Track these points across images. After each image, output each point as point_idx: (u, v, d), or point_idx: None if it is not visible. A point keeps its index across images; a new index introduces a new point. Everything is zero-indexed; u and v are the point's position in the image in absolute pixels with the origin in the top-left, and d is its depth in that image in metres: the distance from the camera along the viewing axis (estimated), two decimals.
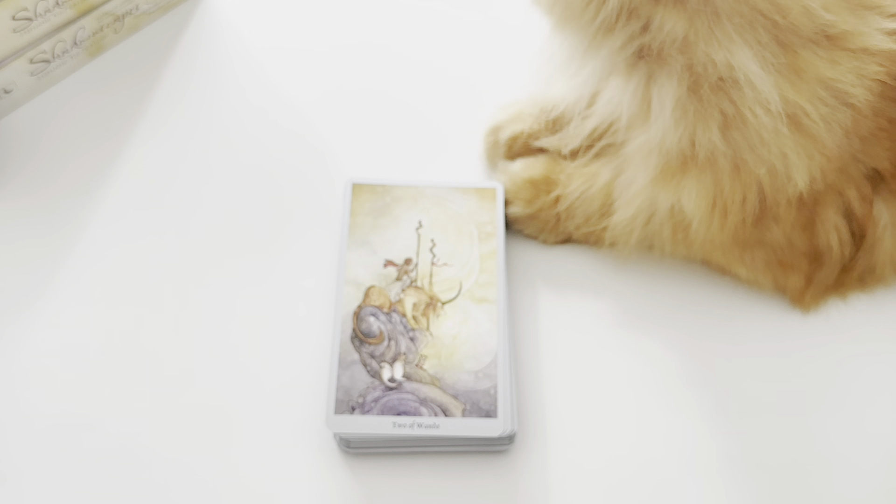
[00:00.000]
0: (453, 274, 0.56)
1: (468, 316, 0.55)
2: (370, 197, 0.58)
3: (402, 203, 0.58)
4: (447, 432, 0.50)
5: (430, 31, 0.67)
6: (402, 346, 0.53)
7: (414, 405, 0.51)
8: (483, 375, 0.52)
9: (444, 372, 0.53)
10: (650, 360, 0.56)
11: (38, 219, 0.59)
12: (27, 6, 0.57)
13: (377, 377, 0.52)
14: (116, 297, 0.57)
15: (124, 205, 0.60)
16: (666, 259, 0.58)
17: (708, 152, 0.48)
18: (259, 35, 0.67)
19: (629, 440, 0.54)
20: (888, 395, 0.55)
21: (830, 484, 0.53)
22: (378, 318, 0.54)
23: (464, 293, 0.55)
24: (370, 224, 0.57)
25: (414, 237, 0.57)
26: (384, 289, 0.55)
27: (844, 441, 0.54)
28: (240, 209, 0.60)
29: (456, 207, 0.58)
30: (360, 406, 0.51)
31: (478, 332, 0.54)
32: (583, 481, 0.53)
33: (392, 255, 0.56)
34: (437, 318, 0.54)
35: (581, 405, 0.55)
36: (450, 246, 0.57)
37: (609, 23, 0.45)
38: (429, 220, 0.58)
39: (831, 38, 0.44)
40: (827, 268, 0.55)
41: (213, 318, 0.57)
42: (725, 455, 0.53)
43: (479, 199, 0.59)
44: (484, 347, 0.53)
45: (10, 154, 0.61)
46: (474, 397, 0.52)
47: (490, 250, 0.57)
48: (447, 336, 0.54)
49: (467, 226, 0.58)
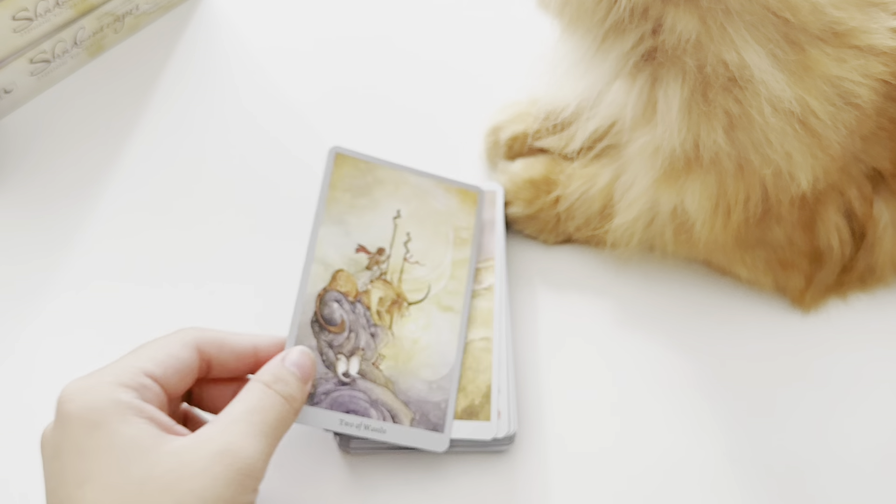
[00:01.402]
0: (424, 274, 0.54)
1: (431, 322, 0.53)
2: (352, 172, 0.55)
3: (384, 187, 0.55)
4: (392, 439, 0.49)
5: (431, 31, 0.67)
6: (361, 340, 0.51)
7: (364, 405, 0.49)
8: (437, 387, 0.51)
9: (399, 376, 0.51)
10: (650, 360, 0.56)
11: (38, 218, 0.59)
12: (27, 6, 0.57)
13: (332, 369, 0.50)
14: (116, 297, 0.57)
15: (124, 205, 0.60)
16: (667, 259, 0.59)
17: (712, 153, 0.48)
18: (259, 35, 0.67)
19: (629, 440, 0.54)
20: (888, 395, 0.55)
21: (830, 483, 0.53)
22: (342, 306, 0.51)
23: (431, 297, 0.53)
24: (348, 202, 0.54)
25: (390, 226, 0.54)
26: (353, 275, 0.52)
27: (844, 441, 0.54)
28: (240, 209, 0.60)
29: (436, 204, 0.55)
30: (310, 396, 0.49)
31: (438, 340, 0.52)
32: (583, 481, 0.53)
33: (366, 241, 0.53)
34: (400, 318, 0.52)
35: (581, 405, 0.55)
36: (425, 244, 0.54)
37: (620, 25, 0.45)
38: (408, 211, 0.55)
39: (839, 35, 0.44)
40: (827, 268, 0.55)
41: (213, 318, 0.57)
42: (725, 455, 0.53)
43: (460, 202, 0.56)
44: (441, 358, 0.52)
45: (10, 154, 0.61)
46: (424, 408, 0.50)
47: (463, 258, 0.55)
48: (408, 339, 0.52)
49: (444, 226, 0.55)
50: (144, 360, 0.44)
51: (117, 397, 0.41)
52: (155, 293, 0.57)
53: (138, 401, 0.42)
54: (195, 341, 0.46)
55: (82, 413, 0.41)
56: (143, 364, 0.43)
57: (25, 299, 0.57)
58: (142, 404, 0.42)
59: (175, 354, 0.44)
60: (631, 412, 0.54)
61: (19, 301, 0.57)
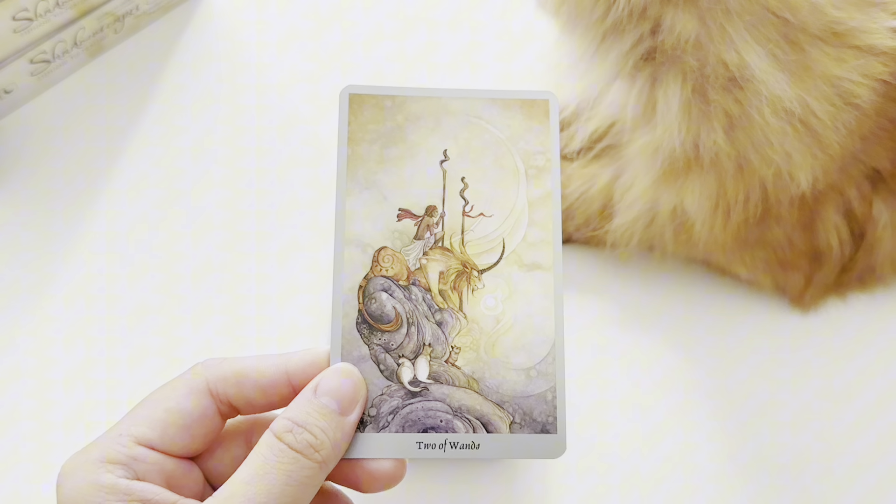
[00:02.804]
0: (493, 228, 0.41)
1: (515, 289, 0.40)
2: (375, 115, 0.42)
3: (421, 124, 0.42)
4: (490, 454, 0.38)
5: (431, 32, 0.67)
6: (426, 334, 0.40)
7: (445, 417, 0.39)
8: (537, 374, 0.39)
9: (484, 369, 0.39)
10: (649, 360, 0.56)
11: (38, 219, 0.59)
12: (27, 6, 0.57)
13: (394, 379, 0.39)
14: (116, 297, 0.57)
15: (124, 205, 0.60)
16: (667, 259, 0.59)
17: (712, 153, 0.48)
18: (259, 35, 0.67)
19: (629, 439, 0.54)
20: (888, 395, 0.55)
21: (830, 482, 0.53)
22: (393, 295, 0.40)
23: (508, 256, 0.41)
24: (377, 156, 0.42)
25: (438, 174, 0.42)
26: (399, 252, 0.41)
27: (844, 440, 0.54)
28: (240, 209, 0.60)
29: (494, 130, 0.42)
30: (374, 420, 0.38)
31: (528, 312, 0.40)
32: (583, 481, 0.53)
33: (408, 203, 0.41)
34: (472, 294, 0.40)
35: (580, 405, 0.55)
36: (487, 187, 0.41)
37: (619, 24, 0.45)
38: (457, 148, 0.42)
39: (839, 34, 0.44)
40: (826, 268, 0.55)
41: (214, 317, 0.57)
42: (725, 454, 0.53)
43: (526, 118, 0.42)
44: (537, 334, 0.40)
45: (10, 154, 0.61)
46: (525, 405, 0.39)
47: (543, 193, 0.41)
48: (487, 318, 0.40)
49: (510, 158, 0.42)
50: (138, 424, 0.36)
51: (99, 481, 0.34)
52: (154, 293, 0.57)
53: (125, 481, 0.35)
54: (206, 382, 0.37)
55: (68, 502, 0.35)
56: (136, 430, 0.36)
57: (25, 298, 0.57)
58: (129, 485, 0.35)
59: (177, 408, 0.37)
60: (631, 411, 0.54)
61: (19, 300, 0.57)
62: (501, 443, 0.39)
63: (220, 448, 0.39)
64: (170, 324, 0.56)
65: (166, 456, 0.36)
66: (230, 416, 0.38)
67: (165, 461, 0.36)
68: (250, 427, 0.40)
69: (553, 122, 0.42)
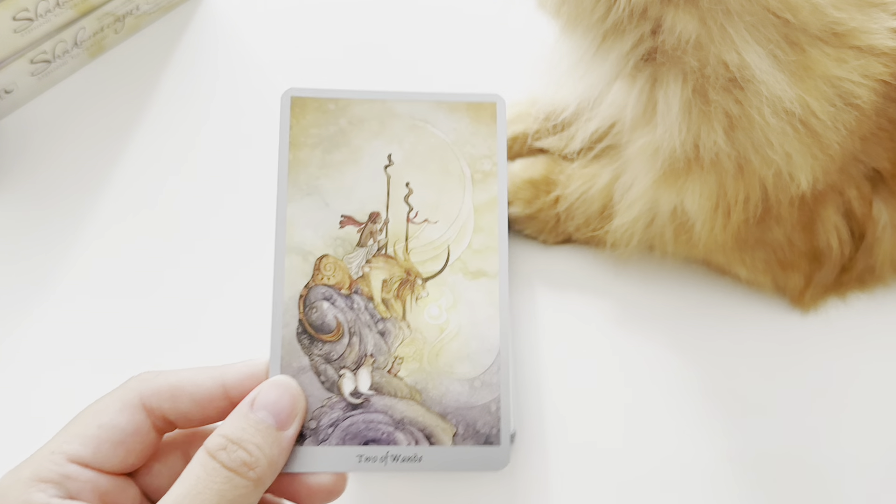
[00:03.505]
0: (438, 235, 0.41)
1: (460, 297, 0.40)
2: (318, 118, 0.41)
3: (364, 127, 0.41)
4: (432, 466, 0.38)
5: (431, 33, 0.67)
6: (368, 343, 0.39)
7: (387, 430, 0.38)
8: (481, 384, 0.39)
9: (427, 380, 0.39)
10: (649, 360, 0.56)
11: (38, 219, 0.59)
12: (28, 6, 0.57)
13: (335, 391, 0.39)
14: (116, 297, 0.57)
15: (124, 205, 0.60)
16: (666, 260, 0.59)
17: (712, 154, 0.48)
18: (259, 35, 0.67)
19: (629, 440, 0.54)
20: (888, 395, 0.55)
21: (830, 483, 0.53)
22: (335, 304, 0.40)
23: (453, 264, 0.40)
24: (319, 160, 0.41)
25: (382, 179, 0.41)
26: (342, 259, 0.40)
27: (844, 441, 0.54)
28: (240, 208, 0.60)
29: (439, 133, 0.42)
30: (314, 433, 0.38)
31: (473, 320, 0.40)
32: (583, 481, 0.53)
33: (351, 209, 0.40)
34: (416, 302, 0.40)
35: (581, 405, 0.55)
36: (432, 193, 0.41)
37: (619, 25, 0.45)
38: (402, 153, 0.41)
39: (839, 35, 0.44)
40: (826, 268, 0.55)
41: (213, 317, 0.57)
42: (725, 455, 0.53)
43: (473, 121, 0.42)
44: (481, 343, 0.39)
45: (11, 154, 0.61)
46: (469, 416, 0.39)
47: (489, 198, 0.41)
48: (431, 328, 0.40)
49: (455, 162, 0.41)
50: (70, 441, 0.35)
51: (31, 501, 0.33)
52: (153, 294, 0.57)
53: (57, 500, 0.34)
54: (140, 398, 0.36)
55: None
56: (69, 447, 0.35)
57: (24, 298, 0.57)
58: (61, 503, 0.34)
59: (110, 423, 0.36)
60: (630, 412, 0.55)
61: (18, 300, 0.57)
62: (444, 455, 0.38)
63: (158, 462, 0.38)
64: (169, 321, 0.56)
65: (100, 473, 0.35)
66: (167, 431, 0.38)
67: (99, 478, 0.35)
68: (188, 440, 0.39)
69: (500, 125, 0.42)
